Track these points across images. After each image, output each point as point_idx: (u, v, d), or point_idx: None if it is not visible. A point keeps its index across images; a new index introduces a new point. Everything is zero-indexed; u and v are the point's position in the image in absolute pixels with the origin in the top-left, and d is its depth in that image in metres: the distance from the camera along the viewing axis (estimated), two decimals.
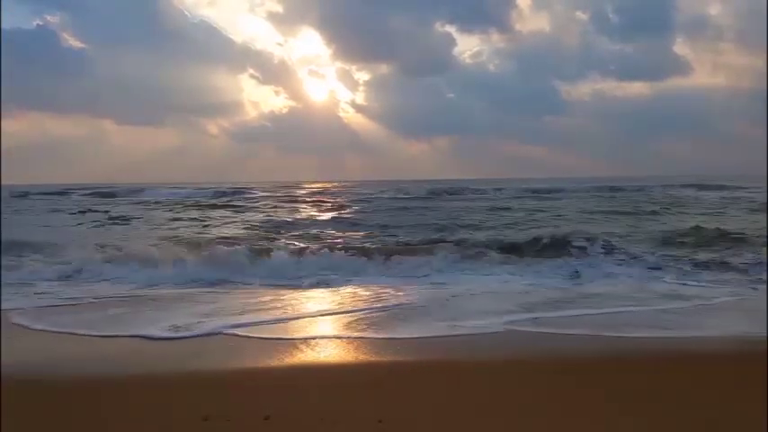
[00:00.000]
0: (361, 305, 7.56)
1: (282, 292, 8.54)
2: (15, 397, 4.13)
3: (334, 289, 8.89)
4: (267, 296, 8.17)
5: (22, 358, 5.29)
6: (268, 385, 4.48)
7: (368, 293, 8.36)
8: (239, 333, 6.07)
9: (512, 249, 11.86)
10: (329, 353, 5.44)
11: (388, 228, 17.43)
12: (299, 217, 22.74)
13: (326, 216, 22.89)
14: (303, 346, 5.55)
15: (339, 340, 5.86)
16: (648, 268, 10.29)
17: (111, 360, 5.30)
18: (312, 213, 24.92)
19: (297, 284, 9.13)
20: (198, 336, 5.98)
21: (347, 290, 8.79)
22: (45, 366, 5.05)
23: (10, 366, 4.86)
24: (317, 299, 8.22)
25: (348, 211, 26.13)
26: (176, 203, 32.88)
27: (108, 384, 4.53)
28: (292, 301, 7.85)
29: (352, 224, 19.23)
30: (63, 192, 46.36)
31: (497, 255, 11.28)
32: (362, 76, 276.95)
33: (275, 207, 28.81)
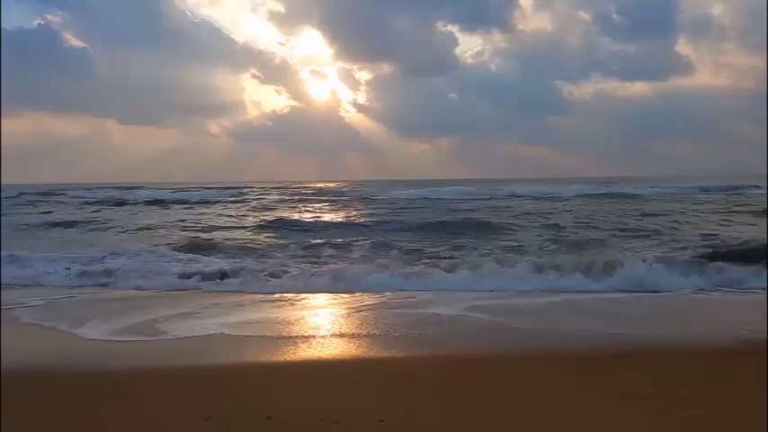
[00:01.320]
0: (367, 306, 7.58)
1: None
2: (13, 393, 4.15)
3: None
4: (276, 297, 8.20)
5: (21, 354, 5.32)
6: (270, 384, 4.49)
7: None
8: (240, 332, 6.10)
9: None
10: (331, 352, 5.45)
11: None
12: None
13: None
14: (305, 346, 5.57)
15: (340, 339, 5.87)
16: None
17: (112, 359, 5.31)
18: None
19: None
20: (200, 335, 6.00)
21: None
22: (45, 364, 5.07)
23: (10, 362, 4.91)
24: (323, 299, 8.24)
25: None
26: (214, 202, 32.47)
27: (109, 383, 4.54)
28: (299, 303, 7.87)
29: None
30: (49, 192, 42.84)
31: None
32: (364, 75, 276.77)
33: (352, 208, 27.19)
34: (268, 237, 16.04)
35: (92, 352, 5.58)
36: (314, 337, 5.94)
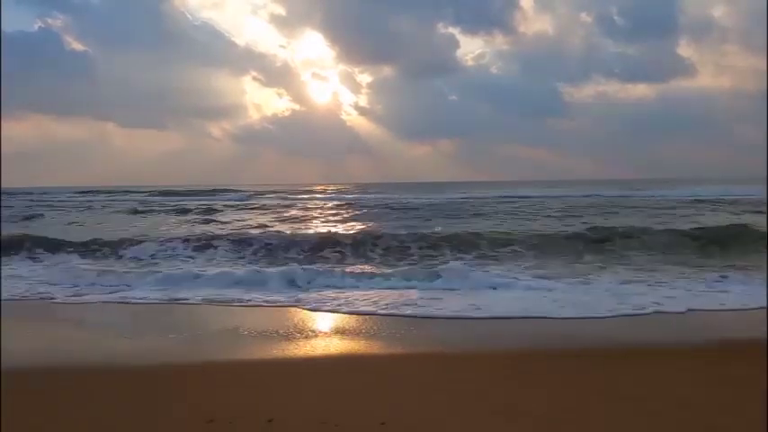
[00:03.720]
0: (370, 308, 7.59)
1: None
2: (13, 393, 4.17)
3: None
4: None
5: (21, 354, 5.33)
6: (271, 385, 4.50)
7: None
8: (242, 333, 6.13)
9: None
10: (332, 354, 5.47)
11: None
12: None
13: None
14: (306, 348, 5.58)
15: (342, 342, 5.88)
16: None
17: (113, 359, 5.30)
18: None
19: None
20: (206, 333, 6.03)
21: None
22: (45, 364, 5.06)
23: (10, 362, 4.95)
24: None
25: None
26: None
27: (110, 383, 4.54)
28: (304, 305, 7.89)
29: None
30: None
31: None
32: (365, 78, 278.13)
33: None
34: None
35: (93, 352, 5.59)
36: (315, 337, 5.95)
